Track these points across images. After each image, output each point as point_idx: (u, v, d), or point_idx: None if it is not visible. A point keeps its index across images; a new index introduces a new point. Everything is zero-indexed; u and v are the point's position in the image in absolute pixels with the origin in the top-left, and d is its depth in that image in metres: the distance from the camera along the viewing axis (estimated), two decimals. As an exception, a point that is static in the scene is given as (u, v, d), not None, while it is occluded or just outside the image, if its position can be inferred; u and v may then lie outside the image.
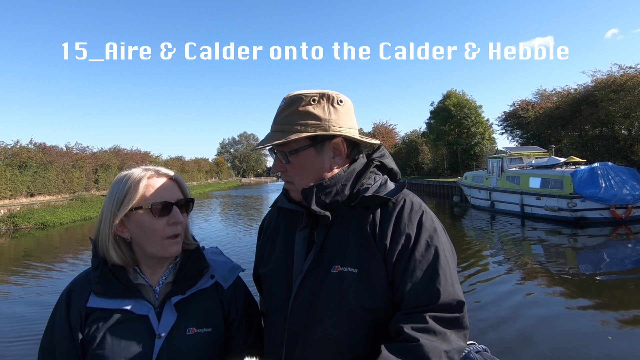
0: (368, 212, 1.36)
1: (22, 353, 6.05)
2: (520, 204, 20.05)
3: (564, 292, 8.46)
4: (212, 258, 1.58)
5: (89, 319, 1.36)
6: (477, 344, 1.40)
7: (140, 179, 1.38)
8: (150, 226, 1.37)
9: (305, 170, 1.39)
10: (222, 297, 1.50)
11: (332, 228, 1.38)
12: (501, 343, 5.92)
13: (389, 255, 1.29)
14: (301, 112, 1.37)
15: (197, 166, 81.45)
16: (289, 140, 1.33)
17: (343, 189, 1.38)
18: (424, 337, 1.15)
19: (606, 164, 17.69)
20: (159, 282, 1.45)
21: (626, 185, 16.69)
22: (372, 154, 1.50)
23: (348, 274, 1.29)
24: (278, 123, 1.38)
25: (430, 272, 1.25)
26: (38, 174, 31.52)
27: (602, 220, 16.42)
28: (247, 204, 36.77)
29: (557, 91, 35.56)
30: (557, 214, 17.48)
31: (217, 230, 19.71)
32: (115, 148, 50.73)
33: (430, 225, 1.34)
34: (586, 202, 16.53)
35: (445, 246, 1.33)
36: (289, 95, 1.40)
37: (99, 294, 1.36)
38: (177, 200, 1.42)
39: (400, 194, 1.38)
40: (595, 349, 5.75)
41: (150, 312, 1.37)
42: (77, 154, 39.17)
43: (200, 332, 1.40)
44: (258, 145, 1.38)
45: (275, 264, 1.48)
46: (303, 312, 1.32)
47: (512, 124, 41.15)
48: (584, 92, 29.29)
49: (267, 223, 1.65)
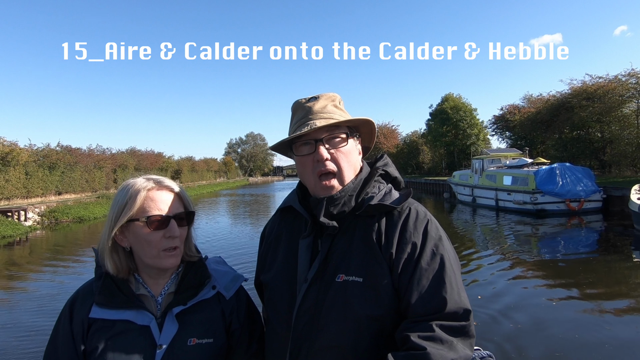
0: (373, 221, 1.37)
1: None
2: (495, 199, 23.13)
3: (530, 272, 9.94)
4: (215, 268, 1.58)
5: (91, 329, 1.36)
6: (482, 350, 1.39)
7: (138, 191, 1.38)
8: (146, 238, 1.37)
9: (350, 158, 1.42)
10: (223, 307, 1.50)
11: (337, 237, 1.38)
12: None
13: (394, 263, 1.29)
14: (339, 107, 1.45)
15: (207, 166, 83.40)
16: (353, 119, 1.41)
17: (350, 200, 1.39)
18: (431, 346, 1.15)
19: (564, 165, 20.75)
20: (161, 292, 1.45)
21: (580, 183, 19.68)
22: (375, 162, 1.52)
23: (353, 283, 1.30)
24: (323, 112, 1.40)
25: (436, 280, 1.25)
26: (65, 174, 34.74)
27: (559, 211, 19.35)
28: (256, 201, 39.16)
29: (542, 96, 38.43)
30: (523, 207, 20.48)
31: (225, 227, 21.13)
32: (132, 149, 53.66)
33: (435, 233, 1.35)
34: (545, 197, 19.53)
35: (450, 254, 1.33)
36: (319, 94, 1.45)
37: (101, 305, 1.37)
38: (175, 213, 1.41)
39: (405, 202, 1.39)
40: (556, 319, 6.71)
41: (152, 323, 1.37)
42: (98, 155, 42.15)
43: (202, 343, 1.40)
44: (312, 128, 1.35)
45: (277, 272, 1.47)
46: (307, 320, 1.32)
47: (501, 126, 43.98)
48: (561, 98, 32.21)
49: (269, 230, 1.64)
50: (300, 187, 1.55)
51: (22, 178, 29.30)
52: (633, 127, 27.43)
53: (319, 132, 1.37)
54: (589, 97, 28.53)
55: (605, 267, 10.30)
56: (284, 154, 1.56)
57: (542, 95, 38.31)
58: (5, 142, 28.79)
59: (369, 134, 1.55)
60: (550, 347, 5.62)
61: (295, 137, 1.39)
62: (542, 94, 38.51)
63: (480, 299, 7.65)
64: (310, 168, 1.39)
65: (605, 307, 7.23)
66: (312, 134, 1.37)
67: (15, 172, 28.48)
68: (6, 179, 27.67)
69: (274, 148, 1.52)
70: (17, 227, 20.65)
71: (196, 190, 55.26)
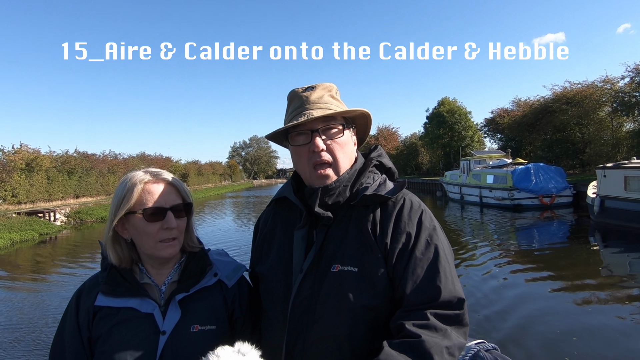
0: (368, 211, 1.37)
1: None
2: (479, 196, 25.57)
3: (509, 259, 11.18)
4: (217, 258, 1.61)
5: (96, 317, 1.40)
6: (487, 343, 1.38)
7: (135, 184, 1.40)
8: (144, 230, 1.39)
9: (346, 149, 1.42)
10: (226, 295, 1.52)
11: (332, 227, 1.38)
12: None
13: (389, 253, 1.30)
14: (336, 98, 1.45)
15: (212, 169, 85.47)
16: (350, 110, 1.40)
17: (345, 190, 1.40)
18: (426, 334, 1.16)
19: (538, 164, 23.22)
20: (165, 282, 1.48)
21: (552, 180, 22.12)
22: (369, 153, 1.52)
23: (348, 272, 1.31)
24: (320, 102, 1.39)
25: (430, 270, 1.27)
26: (82, 179, 37.14)
27: (533, 206, 21.74)
28: (261, 202, 40.55)
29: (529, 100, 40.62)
30: (502, 202, 22.89)
31: (231, 226, 23.10)
32: (142, 154, 56.28)
33: (429, 224, 1.36)
34: (521, 193, 21.95)
35: (444, 244, 1.34)
36: (316, 84, 1.45)
37: (106, 293, 1.40)
38: (172, 205, 1.43)
39: (400, 193, 1.40)
40: (531, 299, 7.65)
41: (155, 310, 1.39)
42: (111, 160, 44.54)
43: (205, 329, 1.42)
44: (309, 118, 1.34)
45: (273, 263, 1.48)
46: (303, 311, 1.33)
47: (492, 129, 46.28)
48: (544, 102, 34.65)
49: (263, 222, 1.64)
50: (294, 178, 1.55)
51: (44, 183, 31.76)
52: (608, 129, 29.80)
53: (315, 122, 1.36)
54: (569, 101, 30.97)
55: (566, 252, 12.06)
56: (279, 143, 1.57)
57: (529, 99, 40.64)
58: (30, 150, 31.24)
59: (365, 125, 1.55)
60: (519, 322, 6.59)
61: (291, 126, 1.38)
62: (530, 97, 40.86)
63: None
64: (305, 158, 1.39)
65: (563, 285, 8.58)
66: (308, 124, 1.37)
67: (38, 177, 30.96)
68: (31, 184, 30.11)
69: (269, 137, 1.51)
70: (50, 226, 23.26)
71: (204, 193, 57.56)
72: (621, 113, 28.27)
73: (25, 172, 29.80)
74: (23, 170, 29.70)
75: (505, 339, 5.96)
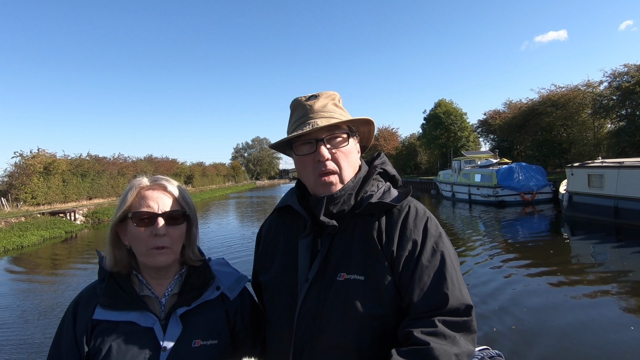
0: (373, 219, 1.36)
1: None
2: (468, 194, 27.59)
3: (497, 250, 12.16)
4: (218, 269, 1.57)
5: (94, 331, 1.35)
6: (491, 350, 1.37)
7: (131, 188, 1.40)
8: (135, 235, 1.37)
9: (351, 157, 1.41)
10: (228, 308, 1.49)
11: (337, 235, 1.37)
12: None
13: (395, 261, 1.29)
14: (339, 106, 1.45)
15: (216, 170, 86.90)
16: (354, 119, 1.41)
17: (349, 198, 1.39)
18: (434, 341, 1.15)
19: (520, 164, 25.22)
20: (165, 293, 1.44)
21: (533, 179, 24.08)
22: (372, 161, 1.52)
23: (355, 281, 1.29)
24: (324, 111, 1.39)
25: (437, 277, 1.26)
26: (95, 181, 38.97)
27: (515, 202, 23.68)
28: (264, 202, 42.75)
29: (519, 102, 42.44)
30: (488, 199, 24.88)
31: (235, 227, 24.40)
32: (149, 157, 58.14)
33: (435, 231, 1.35)
34: (505, 190, 23.92)
35: (450, 251, 1.34)
36: (319, 92, 1.44)
37: (105, 306, 1.36)
38: (165, 212, 1.39)
39: (405, 200, 1.39)
40: (515, 289, 8.39)
41: (156, 325, 1.36)
42: (121, 163, 46.25)
43: (206, 344, 1.39)
44: (314, 128, 1.33)
45: (277, 272, 1.46)
46: (309, 320, 1.31)
47: (484, 130, 48.14)
48: (531, 105, 36.61)
49: (266, 230, 1.62)
50: (298, 187, 1.54)
51: (60, 185, 33.71)
52: (590, 130, 31.71)
53: (320, 131, 1.35)
54: (554, 104, 32.91)
55: (545, 243, 13.52)
56: (283, 152, 1.56)
57: (520, 100, 42.42)
58: (47, 154, 33.16)
59: (368, 132, 1.55)
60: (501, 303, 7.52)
61: (296, 136, 1.37)
62: (521, 99, 42.67)
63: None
64: (310, 167, 1.38)
65: (537, 271, 9.75)
66: (313, 133, 1.35)
67: (55, 179, 32.93)
68: (48, 186, 32.09)
69: (273, 146, 1.50)
70: (73, 225, 25.32)
71: (209, 194, 59.25)
72: (600, 115, 30.10)
73: (43, 175, 31.74)
74: (41, 174, 31.65)
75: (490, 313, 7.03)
